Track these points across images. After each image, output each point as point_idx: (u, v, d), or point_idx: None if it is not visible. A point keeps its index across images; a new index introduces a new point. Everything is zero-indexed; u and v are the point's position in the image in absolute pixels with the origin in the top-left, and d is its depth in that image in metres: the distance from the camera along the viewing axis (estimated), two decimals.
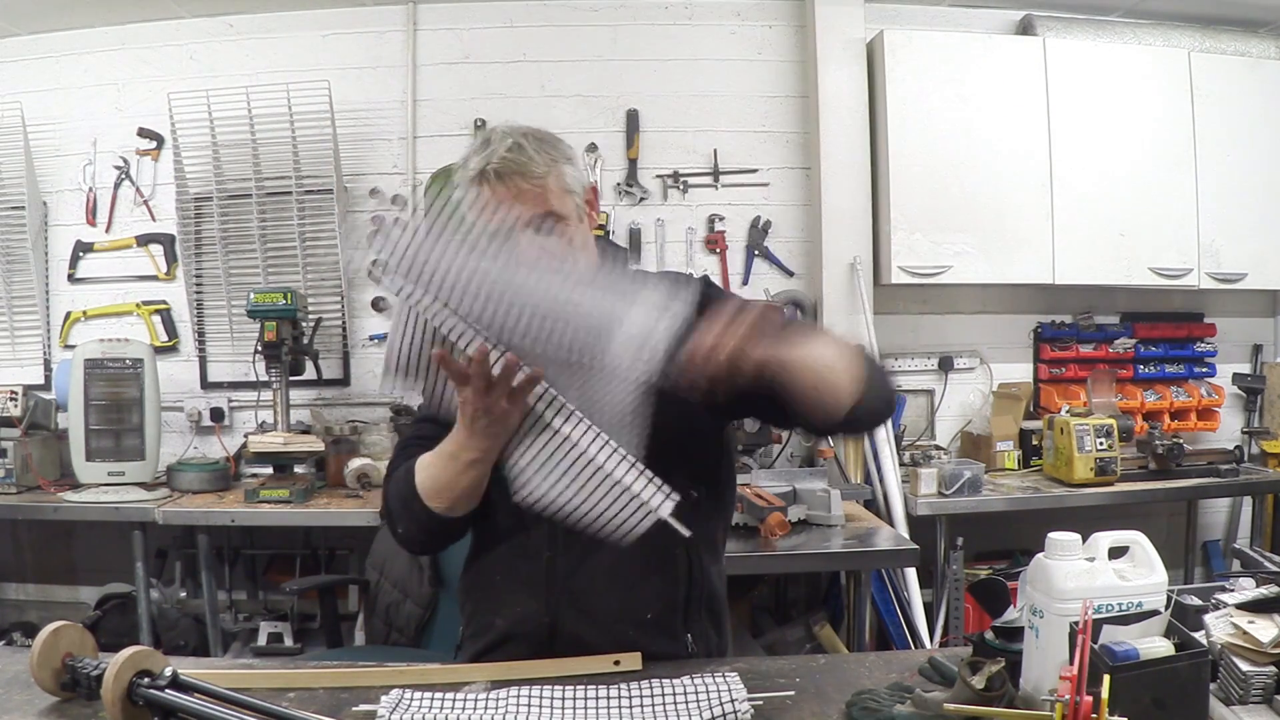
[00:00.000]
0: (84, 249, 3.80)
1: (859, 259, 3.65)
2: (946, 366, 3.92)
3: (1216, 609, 1.27)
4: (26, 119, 3.67)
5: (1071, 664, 0.98)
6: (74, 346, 3.48)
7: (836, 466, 3.46)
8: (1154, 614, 1.13)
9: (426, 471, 1.38)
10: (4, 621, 3.70)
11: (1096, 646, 1.05)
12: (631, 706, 1.22)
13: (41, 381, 3.70)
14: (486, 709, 1.20)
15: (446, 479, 1.35)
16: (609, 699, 1.23)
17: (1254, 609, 1.23)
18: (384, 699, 1.22)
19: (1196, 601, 1.31)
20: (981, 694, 1.09)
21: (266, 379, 3.36)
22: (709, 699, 1.21)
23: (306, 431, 3.43)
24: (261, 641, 3.45)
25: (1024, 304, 3.97)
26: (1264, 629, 1.17)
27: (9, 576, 3.88)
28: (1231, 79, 3.70)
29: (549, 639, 1.43)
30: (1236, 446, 3.70)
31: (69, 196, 3.81)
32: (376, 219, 1.15)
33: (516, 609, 1.46)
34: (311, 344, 3.50)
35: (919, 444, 3.76)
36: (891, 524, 3.23)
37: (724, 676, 1.27)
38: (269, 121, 3.59)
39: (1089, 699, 0.94)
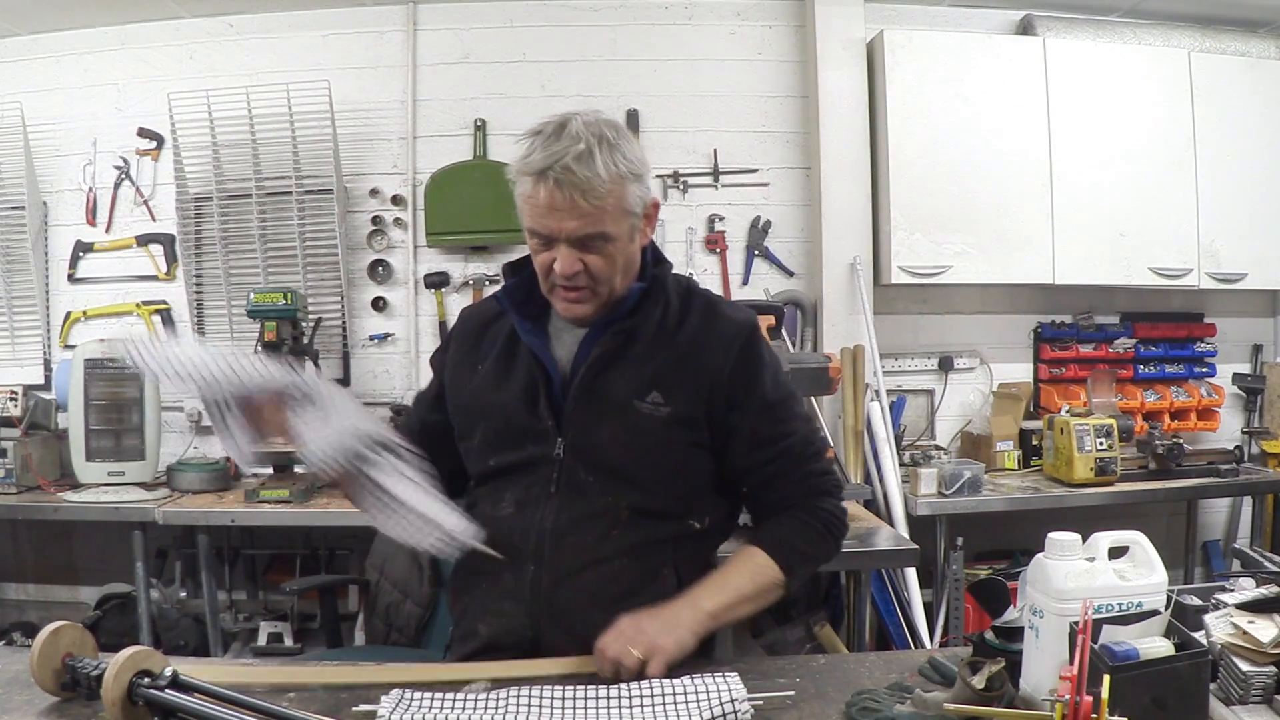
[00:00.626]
0: (84, 249, 3.80)
1: (859, 259, 3.65)
2: (946, 366, 3.92)
3: (1216, 609, 1.27)
4: (26, 119, 3.67)
5: (1071, 664, 0.98)
6: (74, 346, 3.48)
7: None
8: (1154, 614, 1.13)
9: None
10: (4, 621, 3.70)
11: (1096, 646, 1.05)
12: (631, 706, 1.21)
13: (41, 381, 3.70)
14: (486, 709, 1.20)
15: None
16: (609, 699, 1.23)
17: (1254, 609, 1.22)
18: (384, 699, 1.22)
19: (1196, 601, 1.31)
20: (981, 694, 1.09)
21: None
22: (709, 699, 1.21)
23: None
24: (261, 641, 3.45)
25: (1024, 304, 3.97)
26: (1264, 629, 1.16)
27: (9, 576, 3.89)
28: (1231, 79, 3.70)
29: (531, 652, 1.42)
30: (1236, 446, 3.70)
31: (69, 196, 3.81)
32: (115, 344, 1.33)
33: (501, 619, 1.45)
34: (311, 344, 3.50)
35: (919, 444, 3.76)
36: (891, 524, 3.23)
37: (724, 676, 1.27)
38: (269, 121, 3.59)
39: (1089, 699, 0.94)
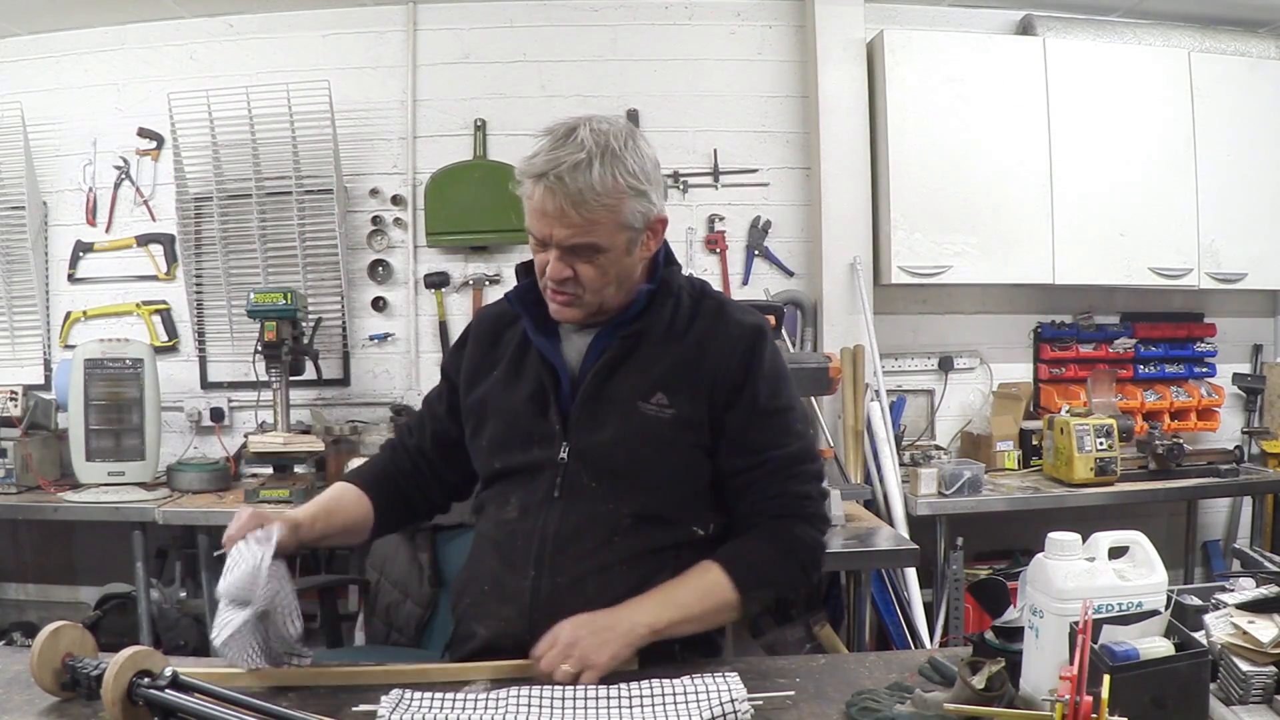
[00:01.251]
0: (84, 249, 3.80)
1: (859, 259, 3.65)
2: (946, 366, 3.92)
3: (1216, 609, 1.27)
4: (26, 119, 3.67)
5: (1071, 664, 0.98)
6: (74, 346, 3.48)
7: (836, 466, 3.46)
8: (1154, 614, 1.13)
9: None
10: (4, 621, 3.70)
11: (1096, 646, 1.05)
12: (631, 706, 1.21)
13: (41, 381, 3.70)
14: (486, 709, 1.20)
15: None
16: (609, 699, 1.23)
17: (1254, 609, 1.22)
18: (384, 699, 1.22)
19: (1196, 601, 1.31)
20: (981, 694, 1.09)
21: (266, 379, 3.35)
22: (709, 699, 1.21)
23: (306, 431, 3.43)
24: None
25: (1024, 304, 3.97)
26: (1264, 629, 1.16)
27: (9, 576, 3.88)
28: (1231, 79, 3.70)
29: (529, 655, 1.40)
30: (1236, 446, 3.70)
31: (69, 196, 3.81)
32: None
33: (500, 622, 1.45)
34: (311, 344, 3.50)
35: (919, 444, 3.76)
36: (891, 524, 3.22)
37: (724, 676, 1.27)
38: (269, 121, 3.59)
39: (1089, 699, 0.94)
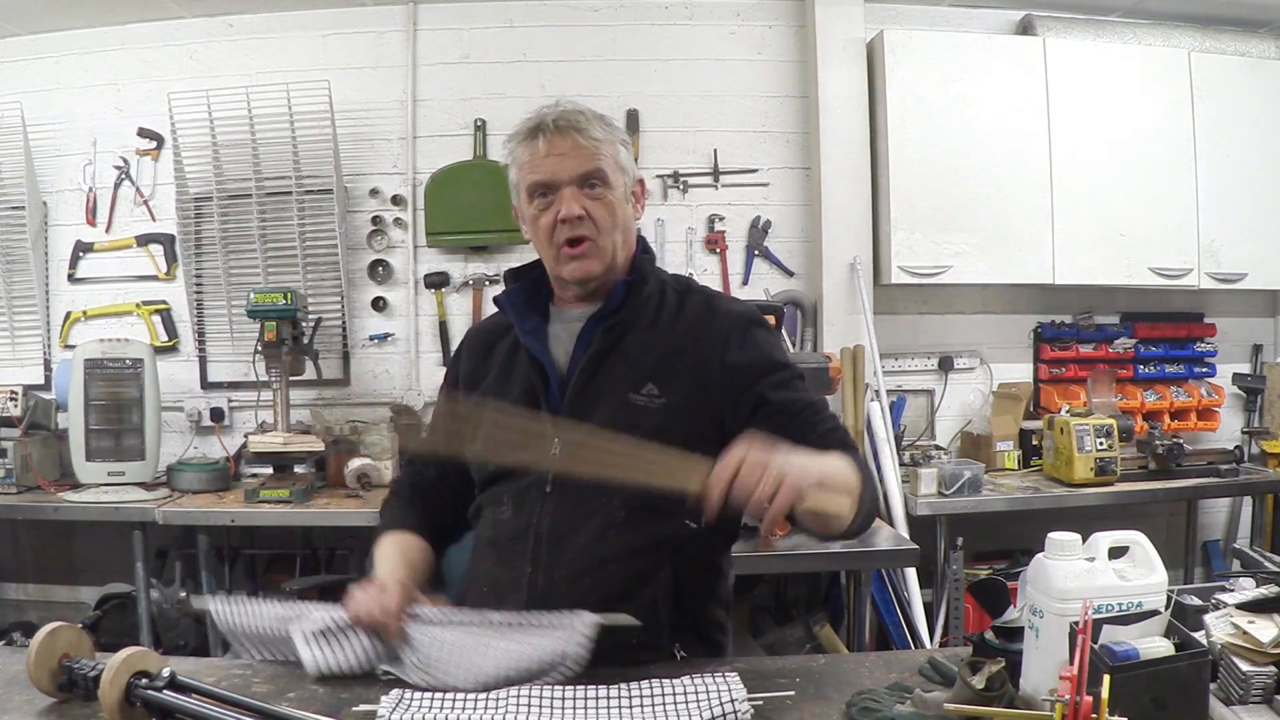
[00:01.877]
0: (84, 249, 3.80)
1: (859, 259, 3.65)
2: (946, 366, 3.92)
3: (1216, 609, 1.27)
4: (26, 119, 3.67)
5: (1071, 664, 0.98)
6: (74, 346, 3.48)
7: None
8: (1154, 614, 1.13)
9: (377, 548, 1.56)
10: (4, 621, 3.70)
11: (1096, 646, 1.05)
12: (631, 706, 1.21)
13: (41, 381, 3.70)
14: (487, 709, 1.20)
15: None
16: (609, 699, 1.23)
17: (1254, 609, 1.22)
18: (384, 699, 1.22)
19: (1196, 601, 1.31)
20: (981, 694, 1.09)
21: (266, 379, 3.35)
22: (709, 699, 1.21)
23: (306, 431, 3.43)
24: None
25: (1024, 304, 3.97)
26: (1264, 629, 1.16)
27: (9, 576, 3.88)
28: (1231, 79, 3.70)
29: None
30: (1236, 446, 3.69)
31: (69, 196, 3.81)
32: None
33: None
34: (311, 344, 3.50)
35: (919, 444, 3.76)
36: (891, 524, 3.22)
37: (724, 676, 1.27)
38: (269, 121, 3.59)
39: (1089, 699, 0.94)
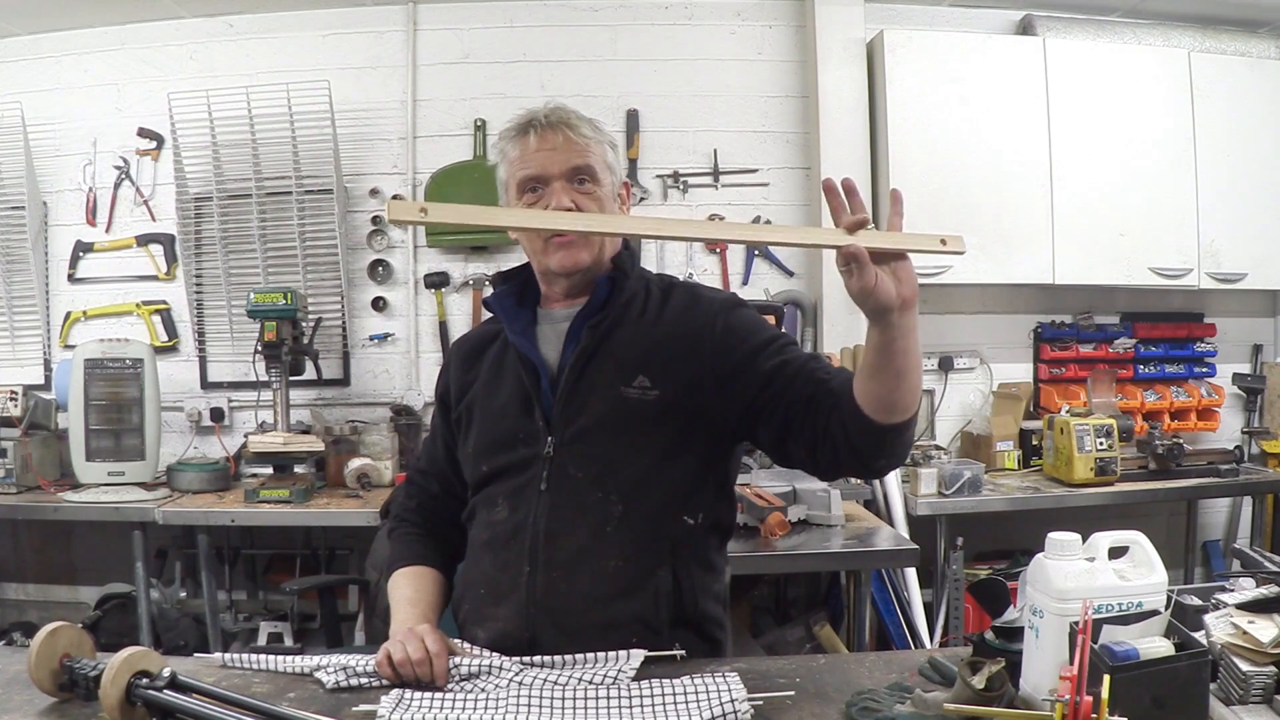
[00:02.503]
0: (84, 249, 3.80)
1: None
2: (946, 366, 3.92)
3: (1216, 609, 1.27)
4: (26, 119, 3.67)
5: (1071, 664, 0.98)
6: (74, 346, 3.48)
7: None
8: (1154, 614, 1.13)
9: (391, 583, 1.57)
10: (4, 621, 3.70)
11: (1096, 646, 1.05)
12: (631, 706, 1.21)
13: (41, 381, 3.70)
14: (487, 709, 1.20)
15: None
16: (609, 699, 1.23)
17: (1254, 609, 1.22)
18: (384, 699, 1.22)
19: (1196, 601, 1.31)
20: (981, 694, 1.09)
21: (266, 379, 3.35)
22: (709, 699, 1.21)
23: (306, 431, 3.43)
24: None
25: (1024, 304, 3.97)
26: (1264, 629, 1.16)
27: (9, 576, 3.88)
28: (1231, 79, 3.70)
29: (529, 653, 1.40)
30: (1236, 446, 3.69)
31: (69, 196, 3.81)
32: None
33: (497, 623, 1.44)
34: (311, 344, 3.50)
35: (919, 444, 3.75)
36: (891, 524, 3.22)
37: (724, 676, 1.27)
38: (269, 121, 3.59)
39: (1089, 699, 0.94)
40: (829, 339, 3.68)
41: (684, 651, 1.40)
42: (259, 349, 3.30)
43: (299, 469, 3.37)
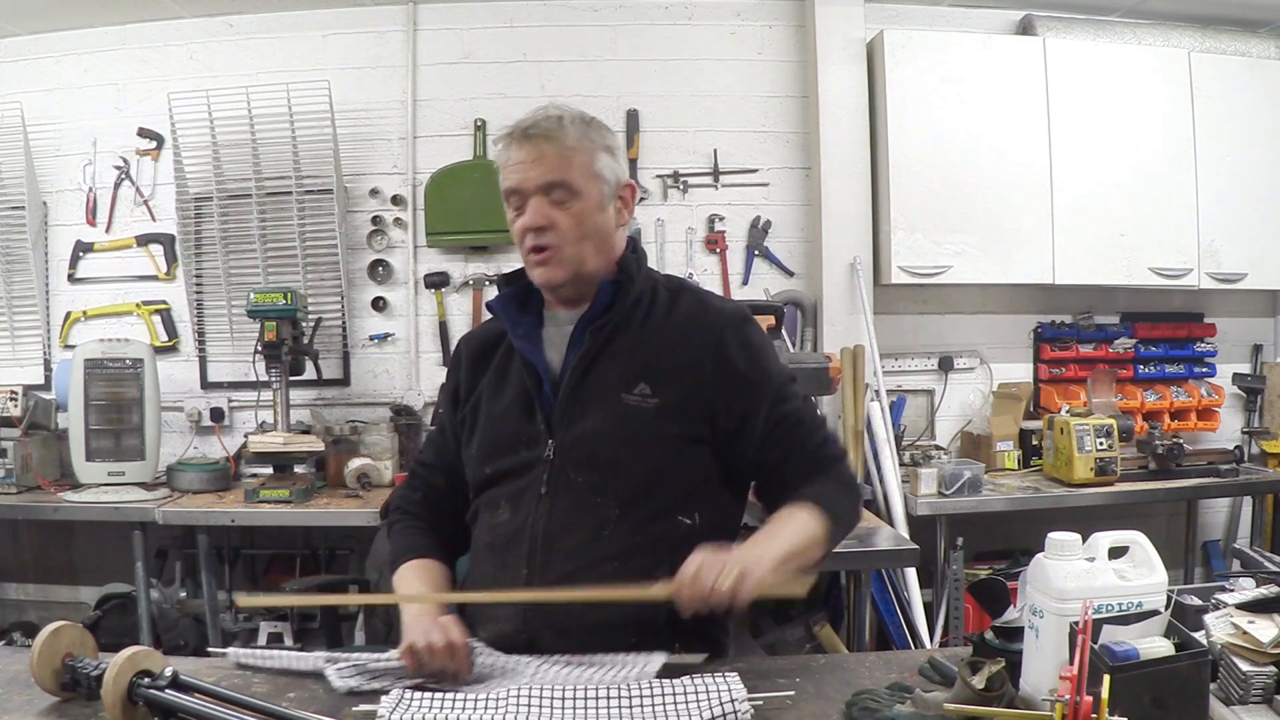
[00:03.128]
0: (84, 249, 3.80)
1: (859, 259, 3.65)
2: (946, 366, 3.92)
3: (1216, 609, 1.27)
4: (26, 119, 3.67)
5: (1071, 664, 0.98)
6: (74, 346, 3.48)
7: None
8: (1154, 614, 1.13)
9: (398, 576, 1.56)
10: (4, 621, 3.70)
11: (1096, 646, 1.06)
12: (631, 706, 1.21)
13: (41, 381, 3.70)
14: (487, 709, 1.20)
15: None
16: (609, 698, 1.23)
17: (1254, 609, 1.23)
18: (384, 699, 1.22)
19: (1196, 601, 1.31)
20: (981, 694, 1.09)
21: (266, 379, 3.35)
22: (709, 699, 1.21)
23: (306, 431, 3.43)
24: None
25: (1024, 304, 3.97)
26: (1264, 629, 1.17)
27: (9, 576, 3.88)
28: (1231, 79, 3.70)
29: (527, 654, 1.40)
30: (1236, 446, 3.70)
31: (69, 196, 3.81)
32: None
33: (496, 624, 1.44)
34: (311, 344, 3.50)
35: (919, 444, 3.76)
36: (891, 524, 3.23)
37: (724, 676, 1.27)
38: (269, 121, 3.59)
39: (1089, 699, 0.94)
40: (829, 339, 3.68)
41: (705, 655, 1.40)
42: (259, 349, 3.30)
43: (299, 469, 3.37)
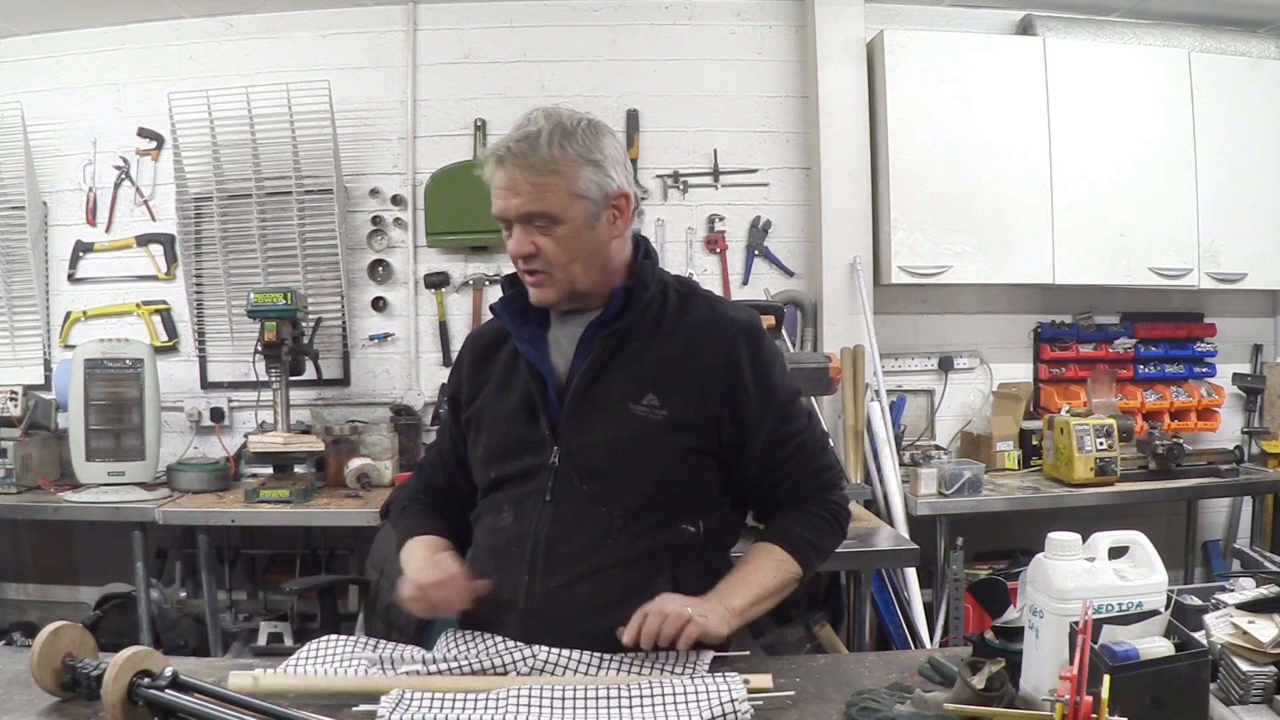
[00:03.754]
0: (84, 249, 3.80)
1: (859, 259, 3.65)
2: (946, 366, 3.92)
3: (1216, 609, 1.27)
4: (26, 119, 3.67)
5: (1071, 664, 0.98)
6: (74, 346, 3.48)
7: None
8: (1154, 614, 1.13)
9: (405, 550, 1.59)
10: (4, 621, 3.70)
11: (1096, 646, 1.06)
12: (631, 706, 1.22)
13: (41, 381, 3.70)
14: (487, 709, 1.20)
15: None
16: (609, 698, 1.23)
17: (1254, 609, 1.23)
18: (384, 699, 1.22)
19: (1196, 601, 1.31)
20: (981, 694, 1.09)
21: (266, 379, 3.35)
22: (709, 699, 1.21)
23: (306, 431, 3.43)
24: (261, 641, 3.45)
25: (1024, 304, 3.97)
26: (1264, 629, 1.17)
27: (9, 576, 3.89)
28: (1231, 79, 3.70)
29: None
30: (1236, 446, 3.69)
31: (69, 196, 3.81)
32: None
33: (499, 629, 1.44)
34: (311, 344, 3.50)
35: (919, 444, 3.76)
36: (891, 524, 3.23)
37: (724, 676, 1.27)
38: (269, 121, 3.59)
39: (1089, 699, 0.94)
40: (829, 339, 3.68)
41: (748, 652, 1.45)
42: (259, 349, 3.30)
43: (299, 469, 3.37)
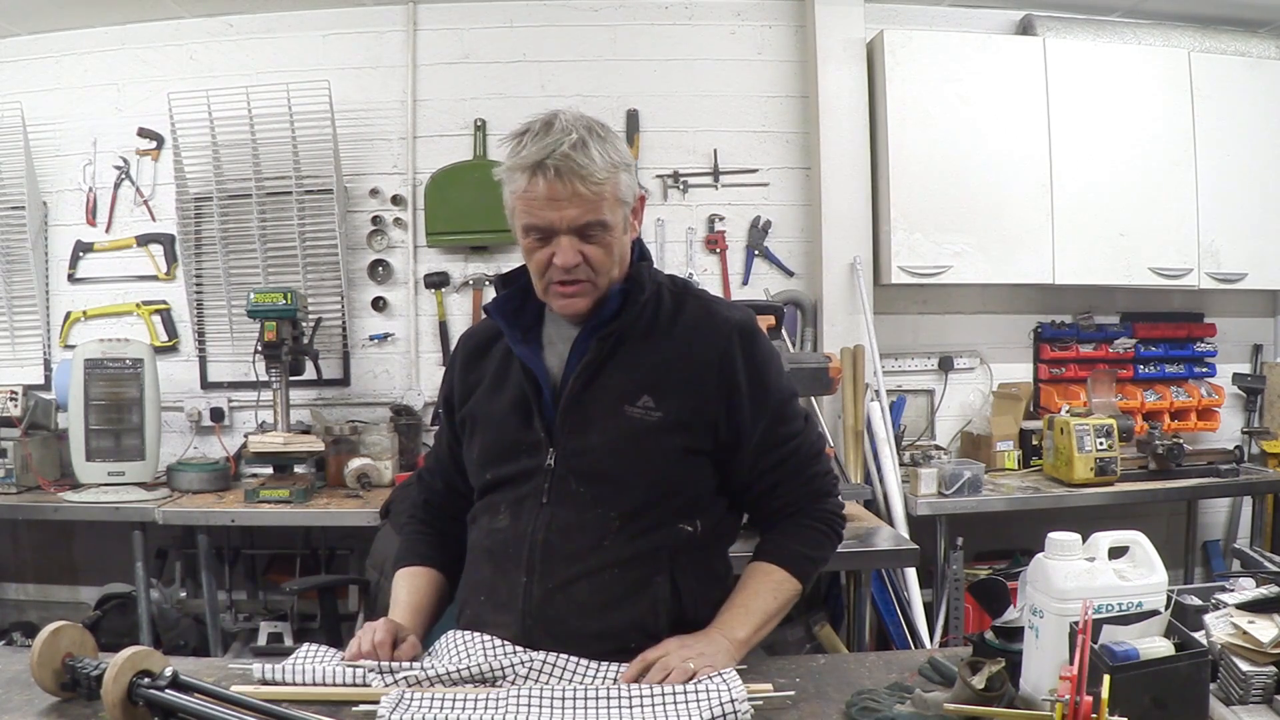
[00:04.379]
0: (84, 249, 3.80)
1: (859, 259, 3.65)
2: (946, 366, 3.92)
3: (1216, 609, 1.27)
4: (26, 119, 3.67)
5: (1071, 664, 0.98)
6: (74, 346, 3.48)
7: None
8: (1154, 614, 1.13)
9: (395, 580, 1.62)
10: (4, 621, 3.70)
11: (1096, 646, 1.06)
12: (632, 706, 1.21)
13: (41, 381, 3.70)
14: (487, 709, 1.20)
15: None
16: (609, 698, 1.23)
17: (1254, 609, 1.23)
18: (384, 699, 1.22)
19: (1196, 601, 1.31)
20: (981, 694, 1.09)
21: (266, 379, 3.35)
22: (709, 699, 1.21)
23: (306, 431, 3.43)
24: (261, 641, 3.45)
25: (1024, 304, 3.97)
26: (1264, 629, 1.17)
27: (9, 576, 3.89)
28: (1231, 79, 3.70)
29: None
30: (1236, 446, 3.69)
31: (69, 196, 3.81)
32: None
33: (496, 629, 1.43)
34: (311, 344, 3.50)
35: (919, 444, 3.76)
36: (891, 524, 3.23)
37: (724, 676, 1.27)
38: (269, 121, 3.59)
39: (1089, 699, 0.94)
40: (829, 339, 3.68)
41: (792, 693, 1.31)
42: (259, 349, 3.30)
43: (299, 469, 3.37)
